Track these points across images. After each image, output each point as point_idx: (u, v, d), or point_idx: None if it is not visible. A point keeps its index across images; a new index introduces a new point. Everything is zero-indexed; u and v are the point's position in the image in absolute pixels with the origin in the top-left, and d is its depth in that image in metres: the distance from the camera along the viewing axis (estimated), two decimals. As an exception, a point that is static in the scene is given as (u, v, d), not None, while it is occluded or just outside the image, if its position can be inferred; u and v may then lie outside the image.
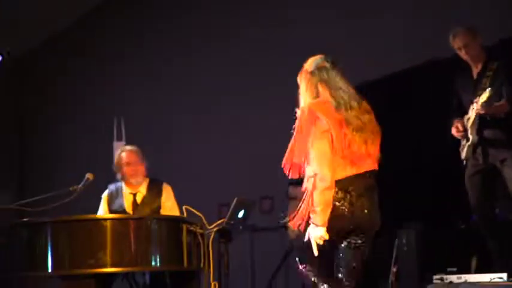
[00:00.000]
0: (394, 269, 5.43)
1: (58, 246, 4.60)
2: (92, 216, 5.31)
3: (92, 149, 7.98)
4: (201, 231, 5.10)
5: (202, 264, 5.11)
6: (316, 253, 3.69)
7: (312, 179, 3.63)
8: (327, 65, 3.80)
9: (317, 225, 3.63)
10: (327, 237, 3.63)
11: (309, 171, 3.69)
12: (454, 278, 4.95)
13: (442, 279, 4.99)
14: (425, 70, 6.19)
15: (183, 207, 5.23)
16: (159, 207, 5.68)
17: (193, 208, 5.16)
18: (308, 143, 3.66)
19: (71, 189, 5.26)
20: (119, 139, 6.64)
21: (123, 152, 5.75)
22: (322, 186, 3.60)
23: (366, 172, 3.73)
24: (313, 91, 3.79)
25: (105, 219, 4.73)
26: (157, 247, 4.74)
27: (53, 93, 9.11)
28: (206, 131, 7.53)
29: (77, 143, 8.60)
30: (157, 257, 4.76)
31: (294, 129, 3.74)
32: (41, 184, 7.83)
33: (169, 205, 5.71)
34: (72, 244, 4.60)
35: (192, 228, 4.99)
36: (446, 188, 5.85)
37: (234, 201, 5.22)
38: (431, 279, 5.04)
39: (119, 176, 5.75)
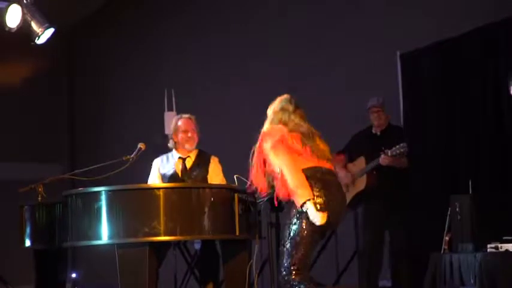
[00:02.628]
0: (446, 238, 5.37)
1: (113, 215, 4.66)
2: (146, 185, 5.38)
3: (144, 119, 8.03)
4: (252, 199, 5.12)
5: (253, 233, 5.14)
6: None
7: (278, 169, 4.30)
8: (290, 108, 4.50)
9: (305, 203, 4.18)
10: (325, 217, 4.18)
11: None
12: (509, 247, 4.89)
13: (497, 247, 4.93)
14: (475, 36, 6.08)
15: (234, 176, 5.24)
16: (207, 175, 5.72)
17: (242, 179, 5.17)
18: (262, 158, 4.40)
19: (124, 158, 5.32)
20: (170, 109, 6.67)
21: (180, 119, 5.80)
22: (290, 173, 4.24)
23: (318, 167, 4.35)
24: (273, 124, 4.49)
25: (159, 189, 4.77)
26: (210, 216, 4.76)
27: (105, 65, 9.17)
28: (256, 103, 7.51)
29: (129, 114, 8.66)
30: (210, 225, 4.78)
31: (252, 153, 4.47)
32: (92, 155, 7.91)
33: (217, 175, 5.74)
34: (127, 213, 4.65)
35: (243, 197, 5.01)
36: (502, 153, 5.76)
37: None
38: (486, 248, 4.98)
39: (171, 143, 5.79)
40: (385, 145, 6.04)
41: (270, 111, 4.60)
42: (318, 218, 4.22)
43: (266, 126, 4.56)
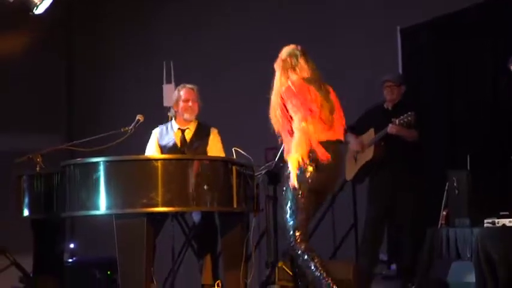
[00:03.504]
0: (444, 213, 5.39)
1: (111, 186, 4.67)
2: (144, 156, 5.39)
3: (142, 91, 8.03)
4: (250, 173, 5.13)
5: (250, 205, 5.16)
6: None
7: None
8: (297, 52, 4.48)
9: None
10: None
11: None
12: (506, 222, 4.91)
13: (493, 222, 4.95)
14: (476, 11, 6.06)
15: (233, 149, 5.24)
16: (206, 148, 5.72)
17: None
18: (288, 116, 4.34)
19: (122, 130, 5.32)
20: (168, 82, 6.67)
21: (183, 89, 5.79)
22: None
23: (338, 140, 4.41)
24: (286, 75, 4.45)
25: (157, 160, 4.78)
26: (208, 187, 4.77)
27: (103, 35, 9.13)
28: (255, 77, 7.50)
29: (127, 86, 8.65)
30: (207, 197, 4.80)
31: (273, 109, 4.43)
32: (90, 126, 7.89)
33: (216, 147, 5.74)
34: (125, 184, 4.67)
35: (241, 169, 5.02)
36: (501, 129, 5.76)
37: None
38: (483, 223, 5.00)
39: (172, 112, 5.79)
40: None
41: (277, 63, 4.53)
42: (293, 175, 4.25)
43: (277, 78, 4.50)
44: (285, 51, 4.53)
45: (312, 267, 4.20)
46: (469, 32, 6.08)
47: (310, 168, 4.26)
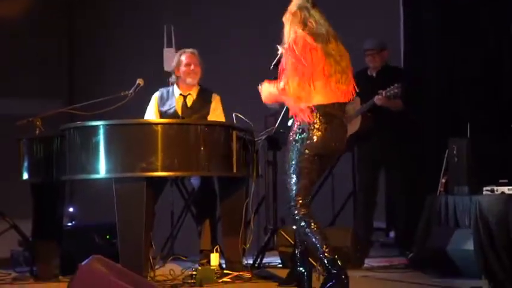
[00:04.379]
0: (443, 181, 5.39)
1: (110, 150, 4.67)
2: (144, 120, 5.39)
3: (142, 55, 8.00)
4: (250, 138, 5.13)
5: (250, 171, 5.17)
6: None
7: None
8: (308, 5, 4.27)
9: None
10: None
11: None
12: (505, 189, 4.91)
13: (492, 190, 4.96)
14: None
15: (233, 114, 5.24)
16: (207, 114, 5.71)
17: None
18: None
19: (122, 94, 5.30)
20: (169, 46, 6.64)
21: (184, 53, 5.76)
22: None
23: (341, 103, 4.30)
24: (296, 28, 4.25)
25: (157, 124, 4.77)
26: (207, 153, 4.77)
27: (103, 2, 9.08)
28: (256, 43, 7.46)
29: (128, 50, 8.61)
30: (207, 162, 4.80)
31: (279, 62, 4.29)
32: (91, 90, 7.87)
33: (217, 113, 5.73)
34: (125, 148, 4.67)
35: (241, 134, 5.02)
36: (501, 97, 5.75)
37: (284, 109, 5.19)
38: (482, 191, 5.01)
39: (173, 77, 5.77)
40: (381, 86, 6.07)
41: (286, 17, 4.33)
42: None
43: (286, 32, 4.31)
44: (294, 3, 4.32)
45: (309, 234, 4.17)
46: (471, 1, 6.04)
47: (315, 131, 4.20)
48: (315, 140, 4.20)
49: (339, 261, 4.09)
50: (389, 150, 6.20)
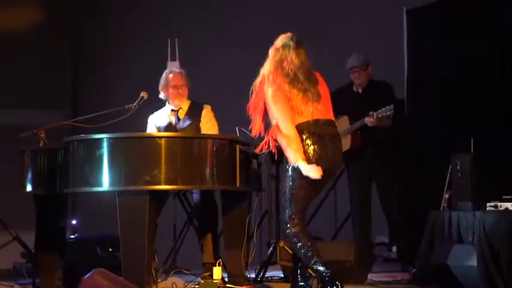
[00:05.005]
0: (446, 196, 5.39)
1: (114, 163, 4.66)
2: (148, 133, 5.40)
3: (146, 68, 8.02)
4: (253, 152, 5.13)
5: (253, 186, 5.16)
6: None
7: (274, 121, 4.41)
8: (291, 44, 4.51)
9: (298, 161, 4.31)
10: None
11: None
12: (509, 206, 4.90)
13: (496, 206, 4.95)
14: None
15: (236, 128, 5.24)
16: (198, 124, 5.76)
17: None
18: (262, 100, 4.48)
19: (126, 107, 5.31)
20: (173, 59, 6.66)
21: (170, 74, 5.84)
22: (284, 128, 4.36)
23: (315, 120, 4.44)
24: (275, 64, 4.51)
25: (161, 137, 4.78)
26: (211, 166, 4.77)
27: (109, 12, 9.10)
28: (259, 56, 7.49)
29: (131, 63, 8.64)
30: (210, 176, 4.79)
31: (251, 92, 4.55)
32: (95, 103, 7.89)
33: (207, 124, 5.79)
34: (128, 161, 4.66)
35: (245, 148, 5.02)
36: (505, 112, 5.74)
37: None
38: (485, 207, 5.00)
39: (163, 96, 5.86)
40: (369, 103, 6.08)
41: (271, 50, 4.59)
42: (311, 172, 4.33)
43: (267, 64, 4.57)
44: (280, 40, 4.57)
45: (301, 249, 4.36)
46: (476, 14, 6.03)
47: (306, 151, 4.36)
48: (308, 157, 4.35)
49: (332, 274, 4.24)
50: (381, 166, 6.21)
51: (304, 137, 4.39)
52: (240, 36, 8.00)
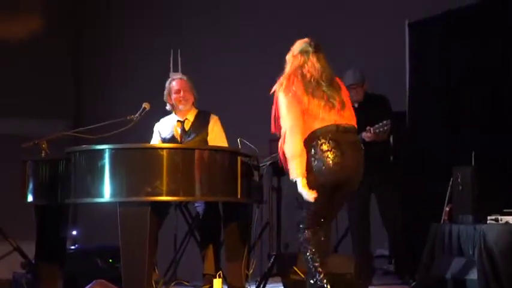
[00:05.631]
0: (447, 209, 5.40)
1: (116, 174, 4.67)
2: (149, 145, 5.41)
3: (148, 79, 8.04)
4: (255, 163, 5.13)
5: (254, 197, 5.16)
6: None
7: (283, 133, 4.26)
8: (310, 49, 4.36)
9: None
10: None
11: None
12: (509, 219, 4.91)
13: (497, 219, 4.95)
14: (486, 6, 6.03)
15: (238, 140, 5.24)
16: (207, 135, 5.73)
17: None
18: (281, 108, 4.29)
19: (128, 118, 5.32)
20: (175, 70, 6.67)
21: (172, 80, 5.83)
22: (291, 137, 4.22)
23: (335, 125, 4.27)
24: (293, 70, 4.34)
25: (162, 149, 4.77)
26: (212, 178, 4.77)
27: (110, 23, 9.13)
28: (262, 68, 7.52)
29: (133, 74, 8.66)
30: (212, 187, 4.79)
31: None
32: (97, 114, 7.90)
33: (215, 134, 5.76)
34: (130, 172, 4.66)
35: (246, 160, 5.02)
36: (506, 126, 5.75)
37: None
38: (486, 220, 5.00)
39: (168, 106, 5.82)
40: (366, 117, 6.06)
41: (288, 57, 4.44)
42: (304, 193, 4.23)
43: (286, 71, 4.40)
44: (297, 46, 4.42)
45: (308, 258, 4.29)
46: (478, 27, 6.05)
47: (319, 159, 4.22)
48: (321, 167, 4.23)
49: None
50: (380, 180, 6.20)
51: (319, 142, 4.21)
52: (245, 45, 8.03)
